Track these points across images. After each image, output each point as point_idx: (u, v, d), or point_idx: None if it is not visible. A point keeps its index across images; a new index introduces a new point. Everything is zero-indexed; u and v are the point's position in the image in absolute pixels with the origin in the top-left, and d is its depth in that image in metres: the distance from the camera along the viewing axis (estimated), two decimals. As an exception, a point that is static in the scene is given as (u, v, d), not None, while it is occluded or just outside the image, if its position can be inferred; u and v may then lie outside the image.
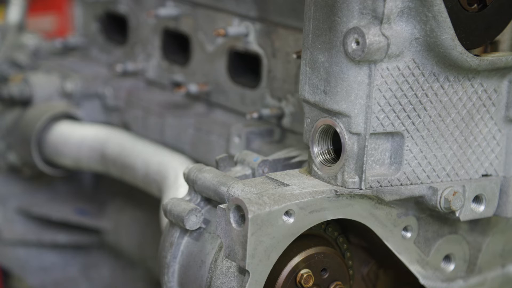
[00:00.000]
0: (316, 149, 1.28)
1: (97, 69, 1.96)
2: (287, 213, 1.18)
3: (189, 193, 1.34)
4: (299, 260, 1.24)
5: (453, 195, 1.29)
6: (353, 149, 1.24)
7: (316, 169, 1.28)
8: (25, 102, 1.90)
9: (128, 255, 1.99)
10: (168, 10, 1.75)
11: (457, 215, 1.31)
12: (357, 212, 1.26)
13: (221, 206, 1.19)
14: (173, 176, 1.61)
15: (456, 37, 1.23)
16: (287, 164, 1.37)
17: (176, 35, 1.78)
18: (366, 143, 1.24)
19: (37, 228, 2.03)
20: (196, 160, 1.64)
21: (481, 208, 1.35)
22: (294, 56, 1.45)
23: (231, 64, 1.66)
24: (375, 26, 1.19)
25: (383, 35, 1.19)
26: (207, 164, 1.36)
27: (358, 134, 1.24)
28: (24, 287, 2.14)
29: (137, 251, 1.96)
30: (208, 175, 1.31)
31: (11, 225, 2.02)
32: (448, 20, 1.21)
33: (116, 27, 1.96)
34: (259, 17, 1.59)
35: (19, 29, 2.13)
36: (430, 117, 1.28)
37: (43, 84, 1.91)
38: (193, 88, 1.69)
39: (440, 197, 1.29)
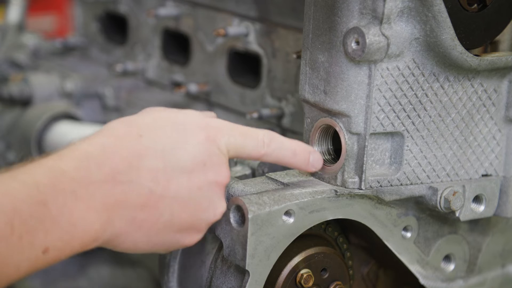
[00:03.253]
0: (316, 149, 1.28)
1: (97, 69, 1.96)
2: (287, 213, 1.18)
3: (189, 193, 1.34)
4: (299, 260, 1.24)
5: (453, 195, 1.29)
6: (353, 149, 1.24)
7: (316, 169, 1.28)
8: (25, 102, 1.90)
9: (128, 255, 1.99)
10: (168, 10, 1.75)
11: (457, 215, 1.31)
12: (357, 212, 1.26)
13: (221, 206, 1.19)
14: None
15: (456, 37, 1.23)
16: (287, 164, 1.37)
17: (176, 35, 1.78)
18: (366, 143, 1.24)
19: (37, 228, 2.03)
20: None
21: (481, 208, 1.35)
22: (294, 56, 1.45)
23: (231, 64, 1.66)
24: (375, 26, 1.19)
25: (383, 35, 1.19)
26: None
27: (358, 134, 1.24)
28: (24, 287, 2.14)
29: (137, 251, 1.95)
30: (208, 175, 1.31)
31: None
32: (448, 20, 1.21)
33: (116, 27, 1.96)
34: (259, 17, 1.59)
35: (19, 29, 2.13)
36: (430, 117, 1.28)
37: (43, 84, 1.91)
38: (193, 88, 1.69)
39: (440, 197, 1.29)
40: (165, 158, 1.12)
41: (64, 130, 1.85)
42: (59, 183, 1.05)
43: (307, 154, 1.23)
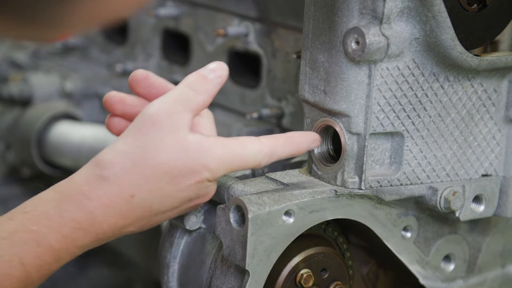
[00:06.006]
0: (316, 149, 1.28)
1: (97, 69, 1.96)
2: (287, 213, 1.18)
3: (189, 193, 1.34)
4: (299, 260, 1.24)
5: (453, 195, 1.29)
6: (353, 149, 1.24)
7: (316, 169, 1.28)
8: (25, 102, 1.90)
9: (128, 255, 1.99)
10: (168, 10, 1.75)
11: (457, 215, 1.31)
12: (357, 212, 1.26)
13: (221, 206, 1.19)
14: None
15: (456, 37, 1.23)
16: (287, 164, 1.37)
17: (176, 35, 1.78)
18: (366, 143, 1.24)
19: (37, 228, 2.03)
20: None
21: (481, 208, 1.34)
22: (294, 56, 1.45)
23: (231, 64, 1.66)
24: (375, 26, 1.19)
25: (383, 35, 1.19)
26: (207, 164, 1.35)
27: (358, 134, 1.24)
28: (24, 287, 2.14)
29: (137, 251, 1.96)
30: (208, 175, 1.31)
31: (11, 225, 2.01)
32: (448, 20, 1.21)
33: (116, 27, 1.96)
34: (259, 17, 1.59)
35: (19, 29, 2.13)
36: (430, 117, 1.28)
37: (43, 84, 1.91)
38: (193, 88, 1.69)
39: (440, 197, 1.29)
40: (152, 210, 1.17)
41: (64, 130, 1.85)
42: (44, 257, 1.12)
43: (303, 152, 1.26)
